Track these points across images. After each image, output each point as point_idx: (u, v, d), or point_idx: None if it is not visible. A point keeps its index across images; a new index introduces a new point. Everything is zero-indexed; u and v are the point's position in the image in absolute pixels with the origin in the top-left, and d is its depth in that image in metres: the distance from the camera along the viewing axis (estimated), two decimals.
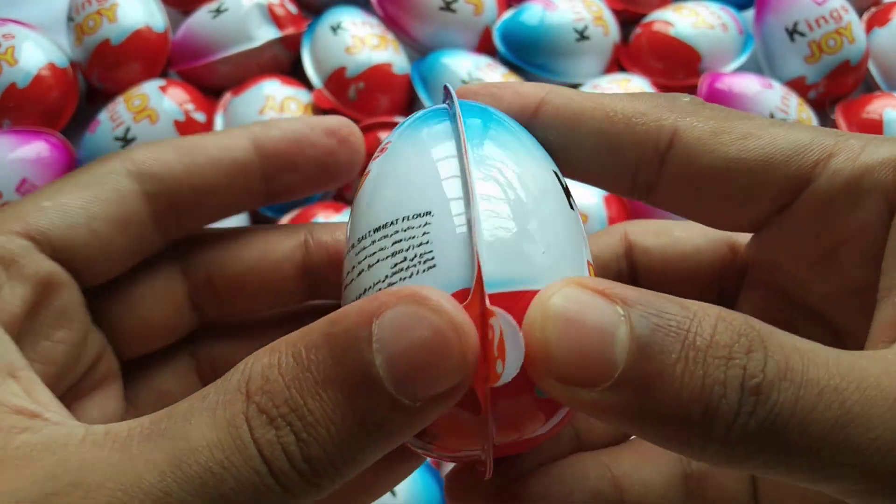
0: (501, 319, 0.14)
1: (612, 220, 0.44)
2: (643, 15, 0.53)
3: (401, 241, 0.15)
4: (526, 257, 0.15)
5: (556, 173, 0.17)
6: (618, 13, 0.52)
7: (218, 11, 0.49)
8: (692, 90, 0.49)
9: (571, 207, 0.17)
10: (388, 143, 0.17)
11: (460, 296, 0.14)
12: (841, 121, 0.50)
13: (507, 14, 0.51)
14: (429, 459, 0.38)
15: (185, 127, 0.47)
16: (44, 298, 0.17)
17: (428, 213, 0.15)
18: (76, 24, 0.50)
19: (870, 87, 0.53)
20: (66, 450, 0.13)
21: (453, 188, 0.15)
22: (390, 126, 0.46)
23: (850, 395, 0.13)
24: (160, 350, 0.21)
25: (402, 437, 0.14)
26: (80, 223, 0.17)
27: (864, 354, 0.14)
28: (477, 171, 0.15)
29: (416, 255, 0.15)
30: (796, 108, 0.47)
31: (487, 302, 0.14)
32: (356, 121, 0.47)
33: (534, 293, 0.14)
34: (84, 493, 0.13)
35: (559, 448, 0.20)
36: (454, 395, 0.14)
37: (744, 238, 0.20)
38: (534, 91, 0.18)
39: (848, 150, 0.16)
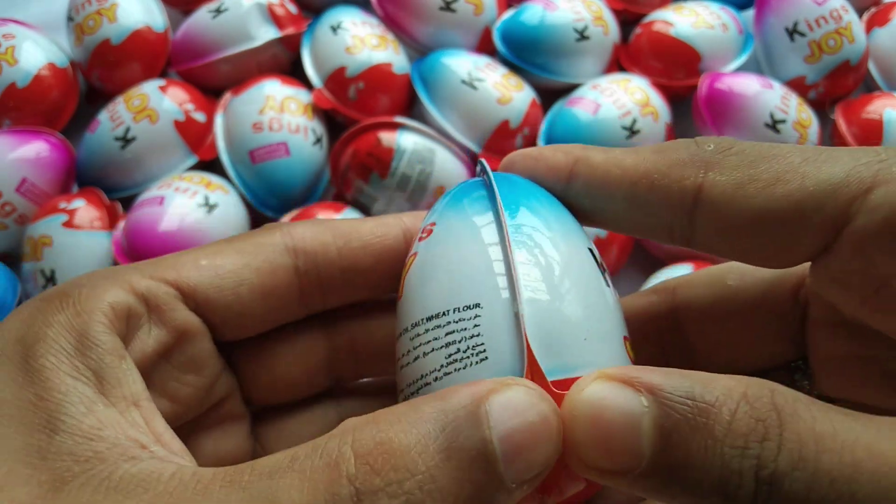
0: None
1: None
2: (643, 15, 0.53)
3: (453, 332, 0.16)
4: (569, 346, 0.16)
5: (591, 251, 0.18)
6: (618, 13, 0.52)
7: (218, 11, 0.49)
8: (692, 90, 0.49)
9: (607, 285, 0.17)
10: (432, 223, 0.18)
11: None
12: (841, 121, 0.50)
13: (507, 14, 0.51)
14: None
15: (185, 127, 0.47)
16: (178, 344, 0.19)
17: (477, 305, 0.16)
18: (76, 24, 0.50)
19: (870, 87, 0.53)
20: (157, 487, 0.14)
21: (500, 279, 0.16)
22: (390, 126, 0.47)
23: (863, 487, 0.13)
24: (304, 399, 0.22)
25: None
26: (228, 286, 0.19)
27: (888, 434, 0.14)
28: (520, 259, 0.16)
29: (468, 347, 0.16)
30: (796, 108, 0.47)
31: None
32: (356, 120, 0.48)
33: (577, 380, 0.15)
34: None
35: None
36: (540, 479, 0.14)
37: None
38: (565, 160, 0.19)
39: (887, 182, 0.15)
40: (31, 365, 0.15)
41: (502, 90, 0.47)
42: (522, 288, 0.16)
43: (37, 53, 0.48)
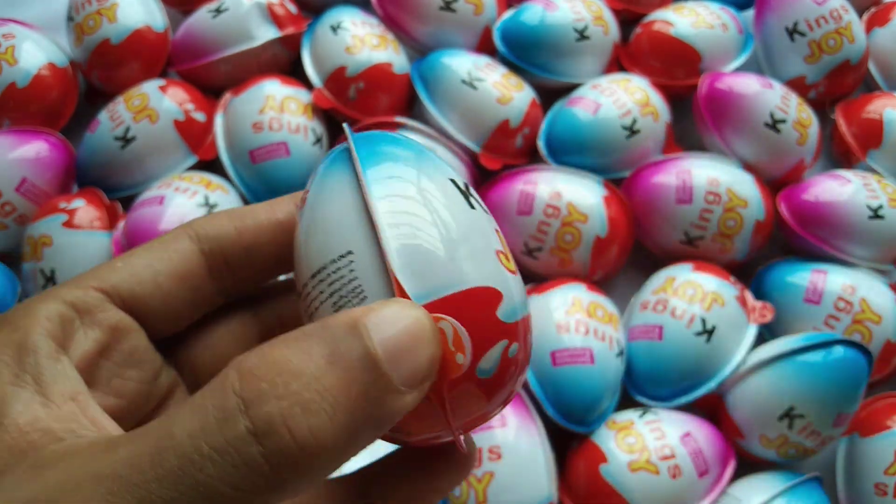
0: (449, 321, 0.17)
1: (612, 220, 0.44)
2: (643, 15, 0.53)
3: (334, 281, 0.18)
4: (435, 270, 0.17)
5: (453, 181, 0.19)
6: (618, 13, 0.52)
7: (218, 11, 0.49)
8: (692, 90, 0.49)
9: (472, 206, 0.19)
10: (306, 192, 0.20)
11: None
12: (841, 121, 0.50)
13: (507, 14, 0.51)
14: None
15: (185, 127, 0.47)
16: (114, 342, 0.20)
17: (350, 252, 0.17)
18: (76, 24, 0.50)
19: (870, 87, 0.53)
20: (75, 456, 0.15)
21: (365, 224, 0.18)
22: (390, 126, 0.46)
23: None
24: None
25: (394, 416, 0.16)
26: (146, 279, 0.20)
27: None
28: (379, 204, 0.18)
29: (349, 291, 0.17)
30: (796, 108, 0.47)
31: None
32: (356, 120, 0.48)
33: (457, 294, 0.17)
34: (82, 499, 0.14)
35: None
36: (428, 382, 0.16)
37: None
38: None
39: None
40: None
41: (502, 90, 0.47)
42: (384, 226, 0.17)
43: (37, 53, 0.48)
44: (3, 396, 0.17)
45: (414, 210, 0.18)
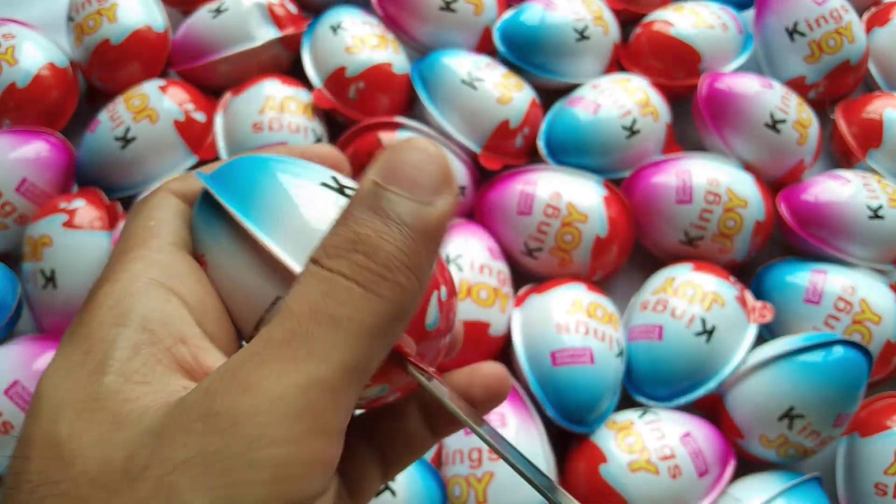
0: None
1: (612, 220, 0.44)
2: (643, 15, 0.53)
3: None
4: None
5: (324, 183, 0.19)
6: (618, 13, 0.52)
7: (218, 11, 0.49)
8: (692, 90, 0.49)
9: (347, 195, 0.19)
10: (203, 256, 0.19)
11: None
12: (841, 120, 0.50)
13: (507, 14, 0.51)
14: (428, 459, 0.38)
15: (185, 127, 0.47)
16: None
17: (278, 298, 0.18)
18: (76, 24, 0.50)
19: (870, 87, 0.53)
20: (167, 412, 0.15)
21: (275, 271, 0.18)
22: (390, 126, 0.46)
23: None
24: None
25: (443, 220, 0.17)
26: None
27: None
28: (268, 236, 0.18)
29: None
30: (796, 108, 0.47)
31: None
32: (356, 120, 0.48)
33: None
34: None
35: None
36: (448, 181, 0.17)
37: None
38: None
39: None
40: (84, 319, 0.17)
41: (502, 90, 0.47)
42: (283, 256, 0.17)
43: (37, 53, 0.48)
44: (111, 339, 0.17)
45: (297, 224, 0.18)
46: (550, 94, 0.50)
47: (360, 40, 0.49)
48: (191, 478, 0.14)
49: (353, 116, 0.48)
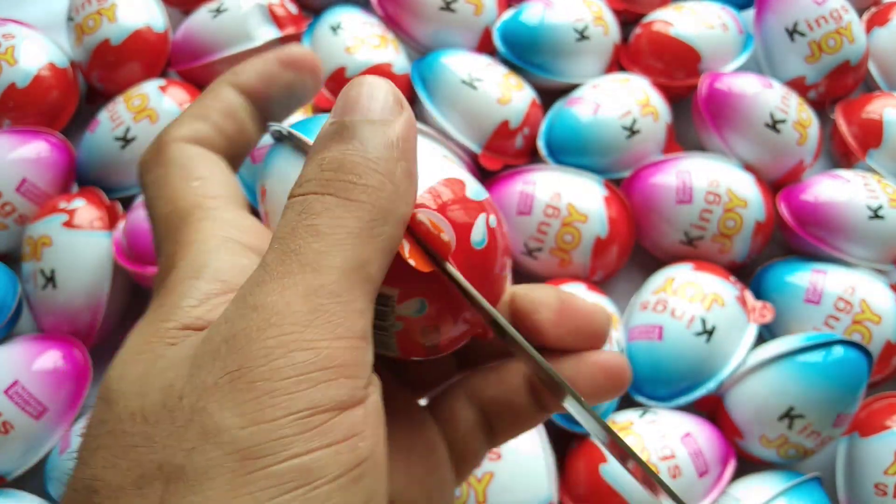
0: (423, 211, 0.18)
1: (612, 221, 0.44)
2: (643, 15, 0.53)
3: None
4: None
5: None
6: (618, 13, 0.52)
7: (218, 11, 0.49)
8: (692, 90, 0.49)
9: None
10: (263, 186, 0.22)
11: None
12: (841, 121, 0.50)
13: (507, 14, 0.51)
14: None
15: None
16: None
17: None
18: (76, 24, 0.50)
19: (870, 87, 0.53)
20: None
21: None
22: None
23: None
24: None
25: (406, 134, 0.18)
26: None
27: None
28: None
29: None
30: (796, 108, 0.47)
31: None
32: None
33: (429, 189, 0.19)
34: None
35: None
36: (396, 99, 0.19)
37: None
38: None
39: None
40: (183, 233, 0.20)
41: (502, 90, 0.47)
42: None
43: (37, 53, 0.48)
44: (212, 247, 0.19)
45: None
46: (550, 94, 0.50)
47: (360, 40, 0.49)
48: (218, 399, 0.15)
49: None
